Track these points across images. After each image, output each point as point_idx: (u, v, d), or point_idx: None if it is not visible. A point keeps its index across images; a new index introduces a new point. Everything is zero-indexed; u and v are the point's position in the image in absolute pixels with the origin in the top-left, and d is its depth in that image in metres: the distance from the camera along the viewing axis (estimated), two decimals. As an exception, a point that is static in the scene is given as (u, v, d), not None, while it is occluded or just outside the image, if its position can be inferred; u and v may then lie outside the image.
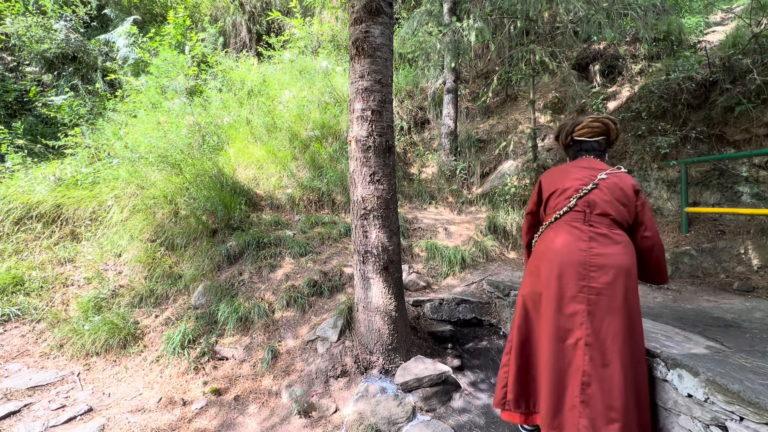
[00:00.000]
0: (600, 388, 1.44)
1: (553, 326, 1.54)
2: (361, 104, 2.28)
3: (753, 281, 3.17)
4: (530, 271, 1.73)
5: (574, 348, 1.51)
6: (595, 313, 1.49)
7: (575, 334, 1.51)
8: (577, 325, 1.51)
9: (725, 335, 1.97)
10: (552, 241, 1.64)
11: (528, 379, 1.66)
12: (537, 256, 1.71)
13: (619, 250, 1.53)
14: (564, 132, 1.85)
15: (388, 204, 2.38)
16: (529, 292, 1.69)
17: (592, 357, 1.47)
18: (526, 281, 1.73)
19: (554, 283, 1.56)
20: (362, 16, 2.23)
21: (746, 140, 3.91)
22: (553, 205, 1.71)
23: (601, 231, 1.57)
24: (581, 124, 1.78)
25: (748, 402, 1.24)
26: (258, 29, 8.81)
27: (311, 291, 3.17)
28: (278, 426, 2.15)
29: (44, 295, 3.29)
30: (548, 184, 1.76)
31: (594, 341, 1.47)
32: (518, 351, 1.68)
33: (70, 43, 7.09)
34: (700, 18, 5.89)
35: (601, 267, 1.50)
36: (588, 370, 1.47)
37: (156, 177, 4.22)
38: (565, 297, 1.54)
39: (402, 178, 5.40)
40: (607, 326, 1.47)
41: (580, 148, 1.79)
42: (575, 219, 1.62)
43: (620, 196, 1.59)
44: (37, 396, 2.41)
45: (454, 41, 4.93)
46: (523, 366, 1.67)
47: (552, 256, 1.61)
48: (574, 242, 1.57)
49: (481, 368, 2.61)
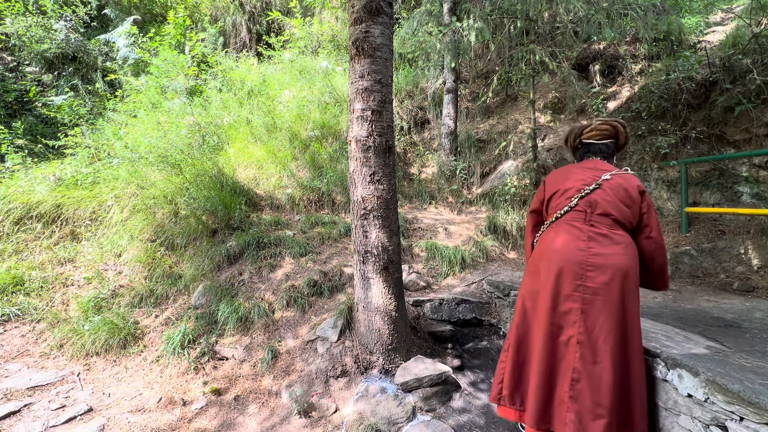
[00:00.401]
0: (589, 385, 1.47)
1: (547, 323, 1.57)
2: (361, 104, 2.28)
3: (753, 281, 3.17)
4: (530, 270, 1.75)
5: (566, 345, 1.54)
6: (589, 312, 1.51)
7: (568, 332, 1.54)
8: (570, 323, 1.54)
9: (725, 335, 1.97)
10: (552, 241, 1.65)
11: (523, 376, 1.69)
12: (537, 256, 1.72)
13: (619, 251, 1.53)
14: (573, 134, 1.85)
15: (388, 204, 2.38)
16: (528, 291, 1.71)
17: (582, 354, 1.50)
18: (526, 280, 1.76)
19: (551, 281, 1.58)
20: (362, 16, 2.23)
21: (746, 140, 3.91)
22: (554, 205, 1.72)
23: (601, 231, 1.57)
24: (590, 126, 1.79)
25: (748, 402, 1.24)
26: (258, 29, 8.81)
27: (311, 291, 3.17)
28: (278, 426, 2.15)
29: (44, 295, 3.29)
30: (551, 184, 1.77)
31: (586, 339, 1.50)
32: (515, 348, 1.71)
33: (70, 43, 7.09)
34: (700, 18, 5.89)
35: (598, 267, 1.52)
36: (578, 367, 1.50)
37: (156, 177, 4.22)
38: (560, 295, 1.56)
39: (402, 178, 5.40)
40: (600, 325, 1.49)
41: (588, 150, 1.80)
42: (576, 218, 1.63)
43: (624, 197, 1.59)
44: (37, 396, 2.41)
45: (454, 41, 4.93)
46: (519, 363, 1.70)
47: (551, 255, 1.62)
48: (573, 242, 1.58)
49: (481, 368, 2.61)
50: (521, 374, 1.69)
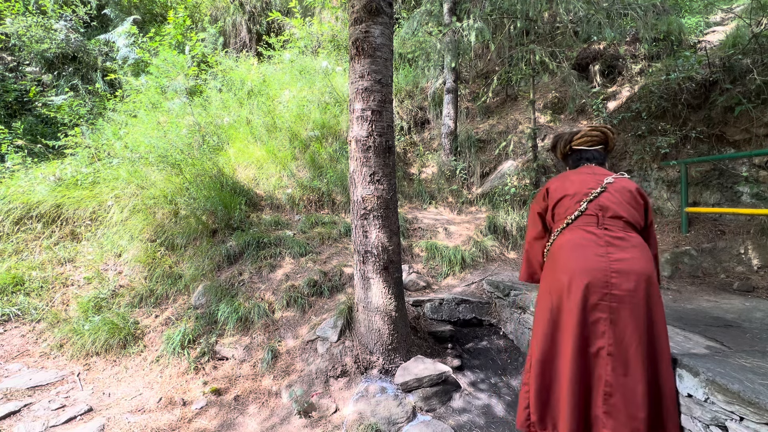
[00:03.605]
0: (623, 398, 1.41)
1: (577, 337, 1.47)
2: (361, 104, 2.28)
3: (753, 281, 3.17)
4: (548, 282, 1.63)
5: (596, 357, 1.46)
6: (617, 322, 1.43)
7: (597, 344, 1.46)
8: (599, 334, 1.45)
9: (725, 335, 1.97)
10: (568, 249, 1.57)
11: (552, 397, 1.57)
12: (554, 266, 1.61)
13: (638, 254, 1.48)
14: (562, 142, 1.83)
15: (388, 204, 2.38)
16: (549, 304, 1.59)
17: (614, 367, 1.43)
18: (545, 295, 1.63)
19: (577, 292, 1.48)
20: (362, 16, 2.23)
21: (746, 140, 3.91)
22: (562, 211, 1.66)
23: (617, 234, 1.51)
24: (580, 133, 1.77)
25: (748, 402, 1.24)
26: (258, 29, 8.81)
27: (311, 291, 3.16)
28: (278, 426, 2.15)
29: (44, 295, 3.29)
30: (555, 191, 1.70)
31: (616, 351, 1.43)
32: (540, 368, 1.58)
33: (70, 43, 7.09)
34: (700, 18, 5.89)
35: (621, 272, 1.44)
36: (610, 380, 1.43)
37: (156, 177, 4.22)
38: (587, 305, 1.47)
39: (402, 178, 5.40)
40: (630, 335, 1.42)
41: (581, 157, 1.77)
42: (588, 223, 1.57)
43: (629, 198, 1.57)
44: (37, 396, 2.41)
45: (454, 41, 4.93)
46: (546, 383, 1.57)
47: (571, 264, 1.52)
48: (591, 248, 1.51)
49: (481, 368, 2.61)
50: (549, 395, 1.57)
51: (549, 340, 1.58)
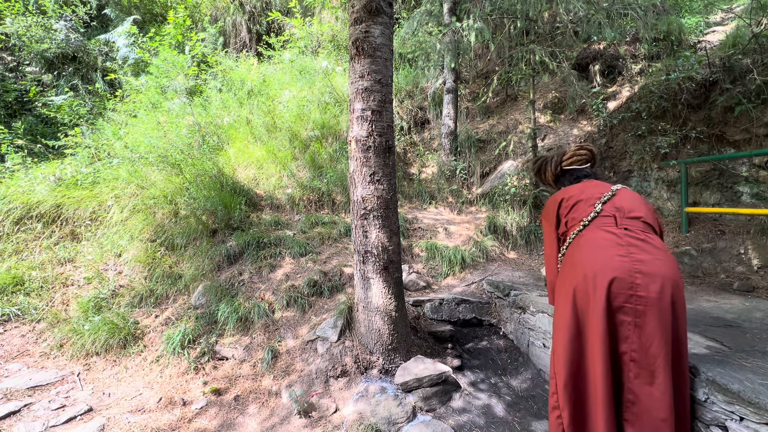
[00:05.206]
0: (646, 407, 1.34)
1: (605, 345, 1.36)
2: (361, 104, 2.28)
3: (753, 281, 3.17)
4: (567, 284, 1.51)
5: (619, 363, 1.39)
6: (643, 327, 1.34)
7: (620, 348, 1.37)
8: (623, 338, 1.37)
9: (725, 335, 1.97)
10: (586, 248, 1.47)
11: (586, 417, 1.44)
12: (572, 267, 1.51)
13: (662, 256, 1.38)
14: (552, 164, 1.81)
15: (388, 204, 2.38)
16: (571, 308, 1.46)
17: (638, 374, 1.35)
18: (565, 299, 1.50)
19: (600, 290, 1.37)
20: (362, 16, 2.23)
21: (746, 140, 3.91)
22: (577, 215, 1.57)
23: (638, 236, 1.42)
24: (567, 154, 1.76)
25: (748, 402, 1.24)
26: (258, 29, 8.81)
27: (311, 291, 3.17)
28: (278, 426, 2.15)
29: (44, 295, 3.29)
30: (568, 198, 1.63)
31: (640, 357, 1.35)
32: (570, 387, 1.45)
33: (70, 43, 7.09)
34: (700, 18, 5.89)
35: (646, 274, 1.34)
36: (632, 387, 1.35)
37: (156, 177, 4.22)
38: (612, 309, 1.37)
39: (402, 178, 5.40)
40: (657, 342, 1.33)
41: (576, 176, 1.74)
42: (606, 224, 1.49)
43: (643, 201, 1.55)
44: (37, 396, 2.41)
45: (454, 41, 4.93)
46: (578, 402, 1.44)
47: (593, 265, 1.41)
48: (611, 248, 1.41)
49: (481, 368, 2.61)
50: (583, 414, 1.44)
51: (575, 352, 1.45)
